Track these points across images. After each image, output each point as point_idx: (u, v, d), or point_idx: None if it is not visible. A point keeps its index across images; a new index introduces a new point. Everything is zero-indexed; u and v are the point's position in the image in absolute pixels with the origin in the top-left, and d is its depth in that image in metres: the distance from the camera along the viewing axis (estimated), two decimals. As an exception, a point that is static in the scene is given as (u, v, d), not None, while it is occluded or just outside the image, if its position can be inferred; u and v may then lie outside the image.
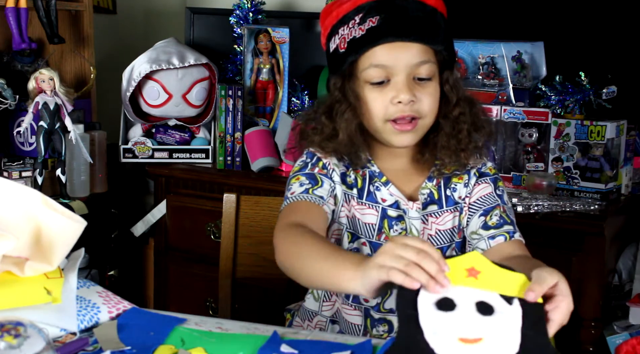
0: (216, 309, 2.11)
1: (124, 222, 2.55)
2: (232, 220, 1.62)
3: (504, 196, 1.35)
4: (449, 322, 0.86)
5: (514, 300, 0.89)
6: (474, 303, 0.88)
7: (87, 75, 2.47)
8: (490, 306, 0.88)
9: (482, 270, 0.92)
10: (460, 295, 0.89)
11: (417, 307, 0.88)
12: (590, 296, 1.90)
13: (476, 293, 0.90)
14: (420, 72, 1.25)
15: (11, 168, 2.16)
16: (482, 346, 0.85)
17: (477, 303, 0.88)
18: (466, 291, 0.90)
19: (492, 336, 0.85)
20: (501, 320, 0.87)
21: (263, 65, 2.47)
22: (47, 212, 1.09)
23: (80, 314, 1.10)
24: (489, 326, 0.86)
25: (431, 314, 0.87)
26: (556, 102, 2.11)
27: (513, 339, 0.86)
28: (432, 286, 0.89)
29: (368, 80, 1.26)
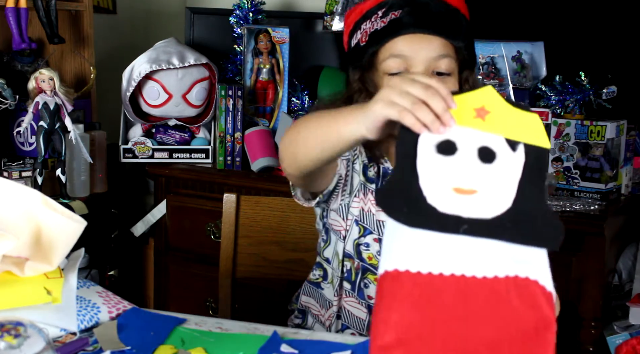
0: (216, 309, 2.11)
1: (124, 222, 2.55)
2: (232, 220, 1.62)
3: None
4: (446, 168, 0.83)
5: (518, 146, 0.84)
6: (476, 148, 0.84)
7: (87, 75, 2.47)
8: (492, 152, 0.84)
9: (492, 110, 0.86)
10: (464, 138, 0.84)
11: (417, 148, 0.84)
12: (590, 296, 1.90)
13: (481, 136, 0.84)
14: (440, 66, 1.24)
15: (11, 168, 2.16)
16: (474, 198, 0.82)
17: (480, 148, 0.84)
18: (470, 134, 0.85)
19: (487, 188, 0.82)
20: (500, 170, 0.83)
21: (263, 65, 2.47)
22: (47, 212, 1.09)
23: (80, 314, 1.10)
24: (486, 177, 0.83)
25: (430, 158, 0.83)
26: (556, 102, 2.11)
27: (508, 193, 0.83)
28: (436, 127, 0.84)
29: (387, 71, 1.26)
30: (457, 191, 0.82)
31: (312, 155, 1.09)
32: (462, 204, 0.81)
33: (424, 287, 0.79)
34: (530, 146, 0.85)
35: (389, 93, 0.89)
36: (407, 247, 0.80)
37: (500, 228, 0.81)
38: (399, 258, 0.80)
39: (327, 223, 1.41)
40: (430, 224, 0.80)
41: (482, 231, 0.80)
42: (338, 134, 1.00)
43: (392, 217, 0.81)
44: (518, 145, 0.84)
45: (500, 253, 0.81)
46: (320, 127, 1.06)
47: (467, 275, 0.79)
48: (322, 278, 1.43)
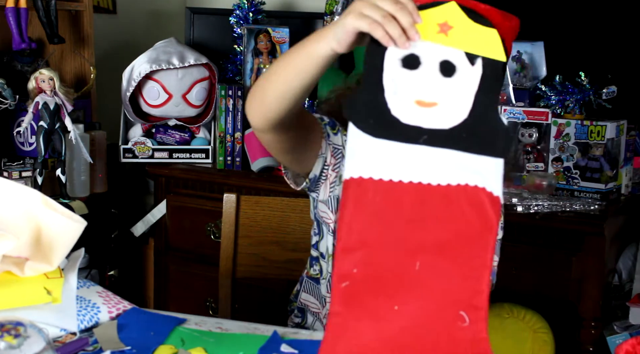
0: (216, 309, 2.11)
1: (124, 222, 2.55)
2: (232, 220, 1.62)
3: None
4: (409, 82, 0.88)
5: (477, 60, 0.90)
6: (438, 62, 0.89)
7: (87, 75, 2.47)
8: (452, 66, 0.89)
9: (454, 25, 0.91)
10: (427, 52, 0.90)
11: (384, 62, 0.89)
12: (590, 296, 1.90)
13: (443, 50, 0.90)
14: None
15: (11, 168, 2.16)
16: (435, 110, 0.88)
17: (441, 62, 0.89)
18: (433, 48, 0.90)
19: (446, 100, 0.88)
20: (459, 83, 0.89)
21: (263, 65, 2.47)
22: (47, 212, 1.09)
23: (80, 314, 1.10)
24: (446, 90, 0.88)
25: (395, 72, 0.89)
26: (556, 102, 2.11)
27: (465, 105, 0.88)
28: (402, 42, 0.89)
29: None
30: (419, 103, 0.88)
31: (281, 86, 1.07)
32: (423, 116, 0.88)
33: (384, 193, 0.86)
34: (487, 59, 0.90)
35: (361, 6, 0.92)
36: (371, 156, 0.87)
37: (456, 138, 0.88)
38: (363, 165, 0.87)
39: (317, 215, 1.40)
40: (393, 135, 0.87)
41: (440, 142, 0.88)
42: (309, 53, 1.01)
43: (359, 128, 0.87)
44: (477, 59, 0.90)
45: (455, 162, 0.88)
46: (290, 53, 1.05)
47: (424, 183, 0.87)
48: (320, 273, 1.42)
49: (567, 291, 1.92)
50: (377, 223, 0.86)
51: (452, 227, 0.87)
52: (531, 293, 2.00)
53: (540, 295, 1.99)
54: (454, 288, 0.86)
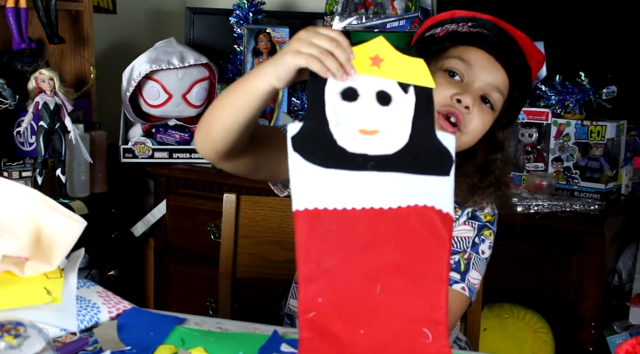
0: (216, 309, 2.11)
1: (124, 222, 2.55)
2: (232, 220, 1.62)
3: (480, 246, 1.32)
4: (350, 113, 0.93)
5: (409, 88, 0.95)
6: (374, 93, 0.94)
7: (87, 75, 2.47)
8: (388, 96, 0.95)
9: (385, 58, 0.96)
10: (363, 84, 0.95)
11: (324, 96, 0.93)
12: (590, 296, 1.90)
13: (377, 82, 0.95)
14: (490, 96, 1.25)
15: (11, 168, 2.16)
16: (377, 137, 0.93)
17: (377, 92, 0.94)
18: (368, 80, 0.95)
19: (387, 127, 0.93)
20: (397, 110, 0.94)
21: (263, 65, 2.47)
22: (47, 212, 1.09)
23: (80, 314, 1.10)
24: (385, 117, 0.94)
25: (336, 104, 0.93)
26: (556, 102, 2.11)
27: (404, 130, 0.94)
28: (340, 75, 0.93)
29: (447, 67, 1.26)
30: (362, 132, 0.92)
31: (225, 120, 1.09)
32: (367, 143, 0.92)
33: (339, 221, 0.90)
34: (418, 87, 0.96)
35: (298, 45, 0.96)
36: (322, 186, 0.90)
37: (401, 162, 0.93)
38: (316, 196, 0.90)
39: None
40: (342, 164, 0.91)
41: (386, 166, 0.92)
42: (250, 89, 1.04)
43: (309, 161, 0.90)
44: (409, 87, 0.96)
45: (403, 184, 0.92)
46: (232, 89, 1.08)
47: (375, 207, 0.91)
48: None
49: (567, 291, 1.92)
50: (336, 251, 0.89)
51: (406, 248, 0.91)
52: (531, 293, 2.00)
53: (540, 295, 1.99)
54: (415, 306, 0.90)
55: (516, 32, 1.31)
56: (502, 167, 1.31)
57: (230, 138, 1.11)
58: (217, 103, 1.11)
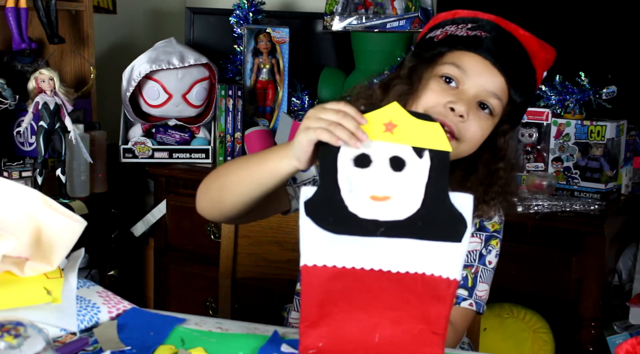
0: (216, 309, 2.11)
1: (124, 222, 2.55)
2: (232, 220, 1.62)
3: (487, 257, 1.31)
4: (363, 179, 0.95)
5: (424, 153, 0.96)
6: (387, 159, 0.96)
7: (87, 75, 2.47)
8: (402, 161, 0.96)
9: (399, 123, 0.97)
10: (376, 151, 0.96)
11: (337, 164, 0.95)
12: (590, 296, 1.90)
13: (391, 147, 0.96)
14: (488, 102, 1.21)
15: (11, 168, 2.16)
16: (389, 203, 0.94)
17: (391, 158, 0.96)
18: (382, 146, 0.96)
19: (399, 193, 0.94)
20: (410, 176, 0.95)
21: (263, 65, 2.47)
22: (47, 212, 1.09)
23: (80, 314, 1.10)
24: (398, 183, 0.95)
25: (348, 171, 0.95)
26: (556, 102, 2.11)
27: (417, 196, 0.94)
28: (352, 142, 0.95)
29: (442, 73, 1.22)
30: (374, 198, 0.94)
31: (241, 196, 1.13)
32: (378, 209, 0.94)
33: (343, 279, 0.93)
34: (433, 151, 0.96)
35: (307, 122, 1.00)
36: (330, 247, 0.93)
37: (412, 228, 0.93)
38: (323, 255, 0.93)
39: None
40: (352, 230, 0.93)
41: (397, 232, 0.93)
42: (270, 171, 1.07)
43: (321, 227, 0.93)
44: (424, 152, 0.96)
45: (412, 251, 0.93)
46: (249, 167, 1.10)
47: (384, 270, 0.93)
48: None
49: (567, 291, 1.92)
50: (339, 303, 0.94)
51: (407, 305, 0.94)
52: (531, 293, 2.00)
53: (540, 295, 1.99)
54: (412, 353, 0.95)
55: (519, 31, 1.26)
56: (506, 175, 1.28)
57: (243, 209, 1.15)
58: (231, 177, 1.14)
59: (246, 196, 1.13)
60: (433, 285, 0.93)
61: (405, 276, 0.93)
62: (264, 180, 1.09)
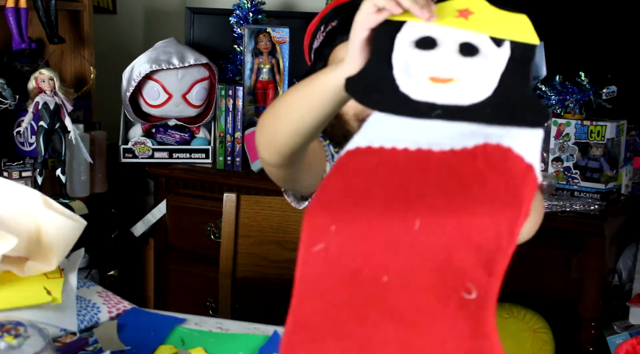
0: (216, 309, 2.11)
1: (124, 222, 2.55)
2: (232, 219, 1.62)
3: None
4: (423, 61, 0.79)
5: (504, 42, 0.80)
6: (457, 44, 0.80)
7: (87, 75, 2.47)
8: (474, 48, 0.80)
9: (476, 11, 0.82)
10: (445, 35, 0.80)
11: (394, 43, 0.80)
12: (590, 296, 1.90)
13: (463, 34, 0.81)
14: None
15: (11, 168, 2.16)
16: (451, 86, 0.77)
17: (462, 44, 0.80)
18: (452, 32, 0.81)
19: (466, 77, 0.78)
20: (483, 63, 0.79)
21: (263, 65, 2.47)
22: (47, 212, 1.09)
23: (80, 314, 1.10)
24: (466, 68, 0.78)
25: (407, 52, 0.80)
26: (556, 102, 2.11)
27: (489, 83, 0.77)
28: (416, 10, 0.80)
29: None
30: (433, 80, 0.77)
31: (293, 124, 1.01)
32: (437, 92, 0.77)
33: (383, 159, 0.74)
34: (517, 43, 0.80)
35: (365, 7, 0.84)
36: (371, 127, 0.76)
37: (477, 114, 0.75)
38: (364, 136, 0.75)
39: None
40: (398, 109, 0.76)
41: (456, 116, 0.75)
42: (321, 84, 0.94)
43: (360, 101, 0.78)
44: (504, 42, 0.80)
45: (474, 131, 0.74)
46: (300, 89, 0.99)
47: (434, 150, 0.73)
48: None
49: (567, 291, 1.92)
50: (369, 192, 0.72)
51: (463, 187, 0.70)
52: (531, 293, 2.00)
53: (540, 295, 1.99)
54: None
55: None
56: None
57: (298, 141, 1.03)
58: (284, 102, 1.02)
59: (298, 122, 1.00)
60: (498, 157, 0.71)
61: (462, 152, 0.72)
62: (317, 100, 0.96)
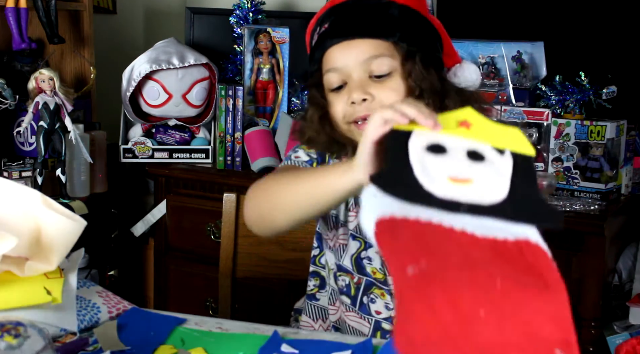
0: (216, 309, 2.11)
1: (124, 222, 2.55)
2: (232, 220, 1.62)
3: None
4: (439, 163, 0.83)
5: (505, 151, 0.86)
6: (465, 150, 0.85)
7: (87, 75, 2.47)
8: (480, 155, 0.85)
9: (474, 123, 0.88)
10: (451, 142, 0.85)
11: (408, 150, 0.84)
12: (590, 296, 1.90)
13: (467, 142, 0.86)
14: (375, 69, 1.20)
15: (11, 168, 2.16)
16: (471, 187, 0.81)
17: (468, 151, 0.85)
18: (457, 140, 0.86)
19: (481, 179, 0.82)
20: (492, 167, 0.84)
21: (263, 65, 2.47)
22: (47, 212, 1.09)
23: (80, 314, 1.10)
24: (479, 170, 0.83)
25: (421, 157, 0.83)
26: (556, 102, 2.11)
27: (502, 184, 0.82)
28: (422, 119, 0.85)
29: (329, 87, 1.25)
30: (453, 180, 0.81)
31: (296, 215, 1.06)
32: (459, 191, 0.80)
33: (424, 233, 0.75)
34: (516, 154, 0.86)
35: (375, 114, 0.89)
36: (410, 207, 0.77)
37: (499, 211, 0.79)
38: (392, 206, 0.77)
39: (319, 228, 1.40)
40: (430, 203, 0.78)
41: (481, 212, 0.78)
42: (330, 186, 0.98)
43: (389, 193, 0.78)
44: (505, 151, 0.86)
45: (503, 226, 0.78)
46: (305, 183, 1.02)
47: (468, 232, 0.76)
48: (319, 287, 1.41)
49: (567, 291, 1.92)
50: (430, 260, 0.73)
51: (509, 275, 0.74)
52: (531, 293, 1.99)
53: (540, 295, 1.99)
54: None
55: None
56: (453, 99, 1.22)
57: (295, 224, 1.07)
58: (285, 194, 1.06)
59: (302, 215, 1.05)
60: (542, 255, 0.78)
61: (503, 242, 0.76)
62: (322, 198, 0.99)
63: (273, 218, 1.08)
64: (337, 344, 1.06)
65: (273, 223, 1.09)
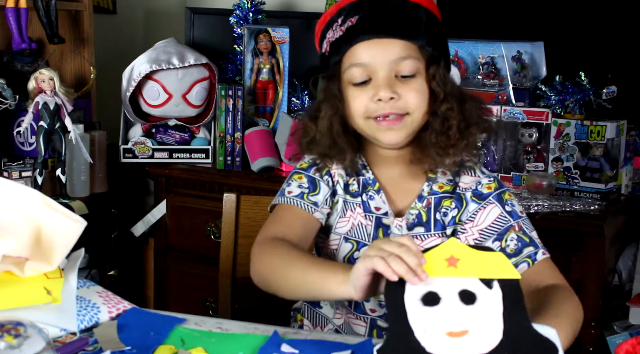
0: (216, 309, 2.11)
1: (124, 222, 2.55)
2: (232, 220, 1.62)
3: (515, 210, 1.30)
4: (435, 317, 0.91)
5: (493, 283, 0.93)
6: (457, 293, 0.92)
7: (87, 75, 2.47)
8: (472, 294, 0.92)
9: (460, 257, 0.96)
10: (443, 287, 0.93)
11: (405, 305, 0.92)
12: (590, 296, 1.90)
13: (458, 282, 0.94)
14: (402, 69, 1.22)
15: (11, 168, 2.16)
16: (468, 338, 0.89)
17: (460, 292, 0.93)
18: (448, 282, 0.94)
19: (477, 326, 0.90)
20: (484, 307, 0.92)
21: (263, 65, 2.47)
22: (47, 212, 1.09)
23: (80, 314, 1.10)
24: (473, 316, 0.91)
25: (418, 311, 0.92)
26: (556, 102, 2.11)
27: (496, 326, 0.90)
28: (410, 277, 0.92)
29: (351, 81, 1.25)
30: (450, 334, 0.89)
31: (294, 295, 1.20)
32: (458, 346, 0.89)
33: None
34: (502, 280, 0.94)
35: (369, 251, 0.98)
36: None
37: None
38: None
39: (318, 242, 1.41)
40: None
41: None
42: (329, 292, 1.07)
43: None
44: (492, 282, 0.94)
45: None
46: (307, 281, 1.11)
47: None
48: None
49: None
50: None
51: None
52: (531, 293, 2.00)
53: (540, 295, 1.99)
54: None
55: None
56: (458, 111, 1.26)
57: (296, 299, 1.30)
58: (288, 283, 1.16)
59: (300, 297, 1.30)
60: None
61: None
62: (319, 297, 1.20)
63: (275, 292, 1.19)
64: (337, 344, 1.06)
65: (276, 294, 1.19)
